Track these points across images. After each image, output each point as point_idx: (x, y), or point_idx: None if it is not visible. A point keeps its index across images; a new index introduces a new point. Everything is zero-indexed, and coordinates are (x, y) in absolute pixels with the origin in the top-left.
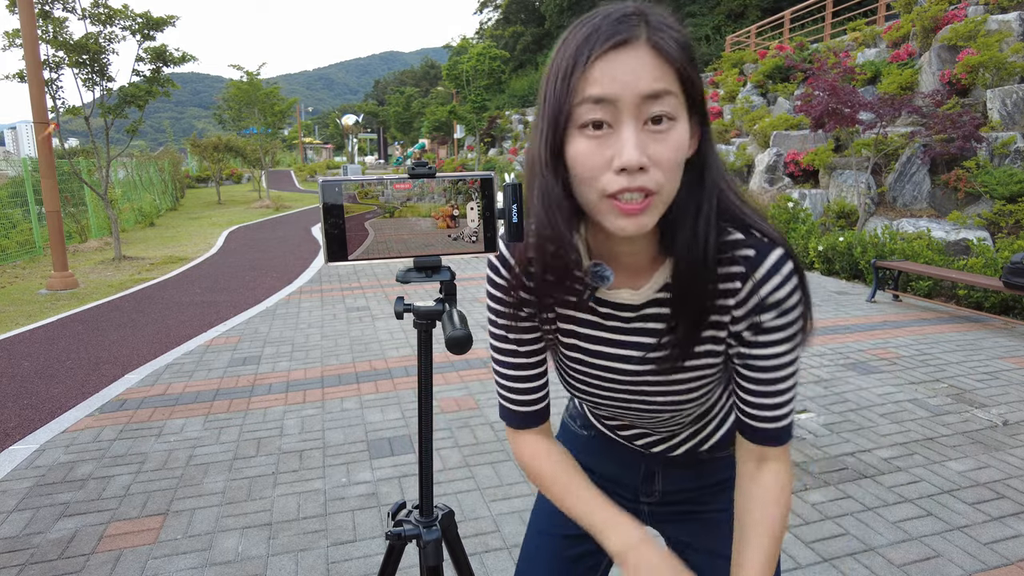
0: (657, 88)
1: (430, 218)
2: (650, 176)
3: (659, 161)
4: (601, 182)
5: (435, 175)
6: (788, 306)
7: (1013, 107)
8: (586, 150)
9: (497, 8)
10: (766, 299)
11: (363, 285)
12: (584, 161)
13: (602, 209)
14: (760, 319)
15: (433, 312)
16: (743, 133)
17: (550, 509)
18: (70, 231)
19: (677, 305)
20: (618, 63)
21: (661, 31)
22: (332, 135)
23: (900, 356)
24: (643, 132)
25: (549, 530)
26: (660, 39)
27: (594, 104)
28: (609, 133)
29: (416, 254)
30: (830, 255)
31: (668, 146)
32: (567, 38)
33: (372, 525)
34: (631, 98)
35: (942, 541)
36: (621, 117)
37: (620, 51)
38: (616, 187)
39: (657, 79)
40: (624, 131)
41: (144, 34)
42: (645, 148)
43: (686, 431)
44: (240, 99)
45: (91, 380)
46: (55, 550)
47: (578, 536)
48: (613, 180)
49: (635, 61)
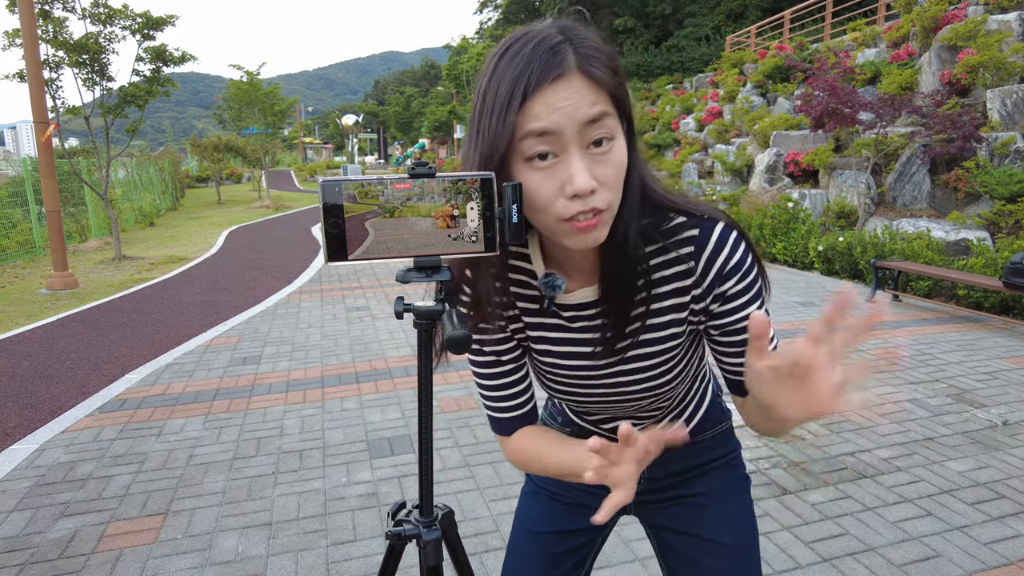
0: (595, 113)
1: (430, 218)
2: (599, 196)
3: (605, 181)
4: (556, 208)
5: (435, 175)
6: (744, 269)
7: (1013, 107)
8: (537, 182)
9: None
10: (722, 269)
11: (363, 285)
12: (537, 193)
13: (560, 231)
14: (722, 288)
15: (433, 312)
16: (743, 133)
17: (536, 507)
18: (70, 231)
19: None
20: (556, 95)
21: (589, 56)
22: (332, 135)
23: (900, 356)
24: (587, 156)
25: (535, 527)
26: (590, 67)
27: (538, 137)
28: (556, 162)
29: (416, 254)
30: (830, 255)
31: (611, 166)
32: (497, 70)
33: (372, 525)
34: (573, 127)
35: (942, 541)
36: (566, 146)
37: (556, 83)
38: (570, 212)
39: (593, 104)
40: (571, 160)
41: (144, 34)
42: (592, 172)
43: (667, 416)
44: (240, 99)
45: (91, 380)
46: (55, 550)
47: (564, 532)
48: (567, 206)
49: (571, 90)
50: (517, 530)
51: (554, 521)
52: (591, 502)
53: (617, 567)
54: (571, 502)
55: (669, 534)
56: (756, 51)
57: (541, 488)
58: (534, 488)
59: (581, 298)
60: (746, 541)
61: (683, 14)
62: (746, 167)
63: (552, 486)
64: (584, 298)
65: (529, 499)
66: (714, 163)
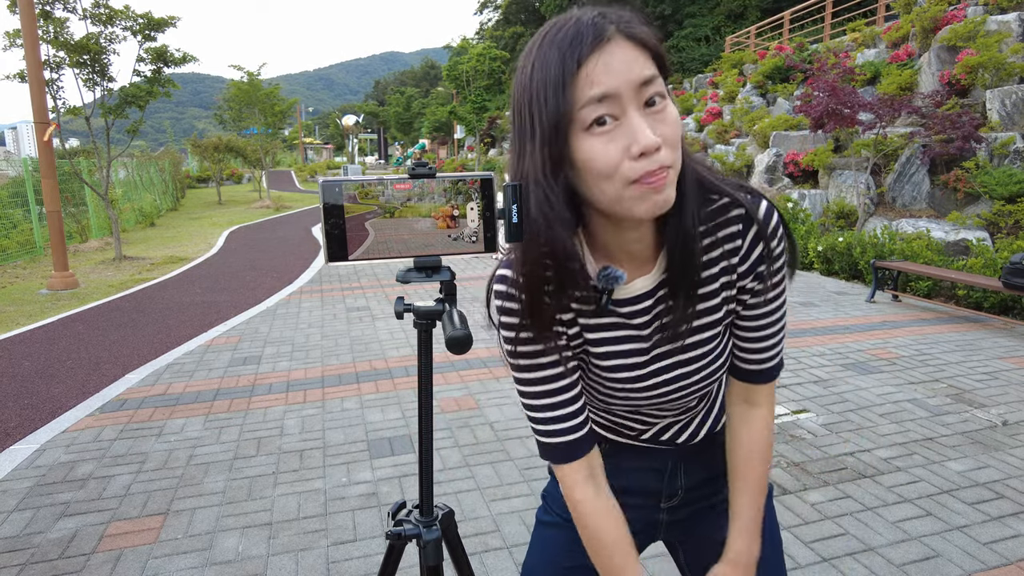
0: (647, 74)
1: (430, 218)
2: (664, 154)
3: (666, 138)
4: (623, 171)
5: (435, 175)
6: (781, 250)
7: (1012, 107)
8: (599, 147)
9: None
10: (765, 248)
11: (363, 285)
12: (600, 157)
13: (628, 196)
14: (761, 269)
15: (433, 312)
16: (743, 133)
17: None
18: (71, 231)
19: (672, 276)
20: (609, 59)
21: (629, 23)
22: (332, 135)
23: (899, 356)
24: (646, 116)
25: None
26: (632, 30)
27: (598, 103)
28: (616, 126)
29: (416, 254)
30: (829, 255)
31: (669, 124)
32: (539, 54)
33: (372, 525)
34: (629, 88)
35: (941, 541)
36: (625, 107)
37: (605, 47)
38: (638, 172)
39: (644, 65)
40: (632, 119)
41: (145, 35)
42: (654, 129)
43: (704, 408)
44: (240, 99)
45: (91, 380)
46: (55, 550)
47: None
48: (634, 167)
49: (622, 53)
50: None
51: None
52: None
53: None
54: None
55: (694, 541)
56: (756, 51)
57: (564, 519)
58: (556, 518)
59: (638, 289)
60: (773, 547)
61: (683, 15)
62: (746, 167)
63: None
64: (642, 288)
65: (550, 530)
66: (714, 163)
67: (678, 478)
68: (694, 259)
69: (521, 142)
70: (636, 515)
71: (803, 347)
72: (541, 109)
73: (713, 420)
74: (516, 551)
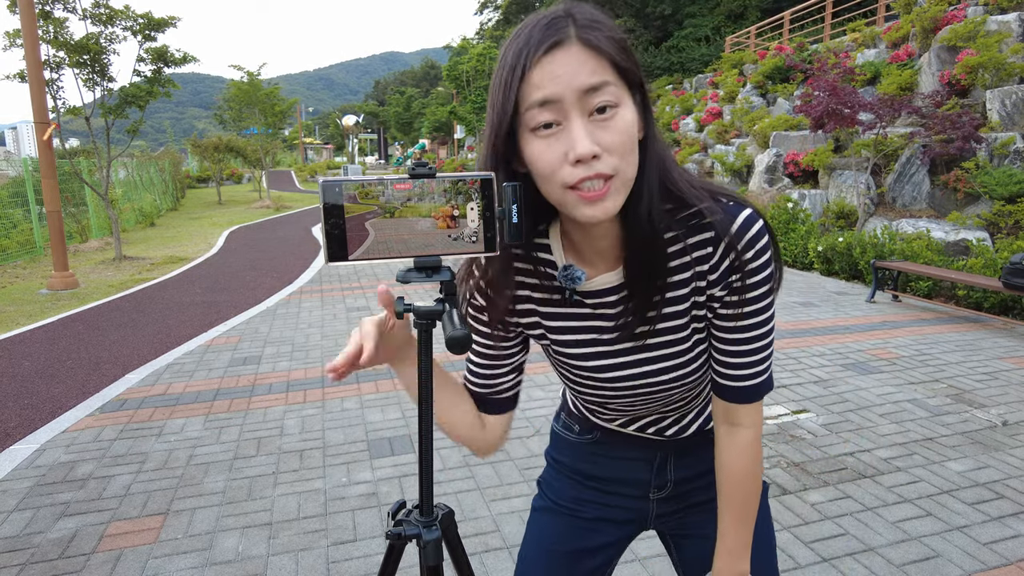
0: (595, 81)
1: (430, 218)
2: (604, 162)
3: (610, 147)
4: (560, 175)
5: (435, 175)
6: (760, 263)
7: (1012, 108)
8: (541, 149)
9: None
10: (738, 259)
11: (363, 285)
12: (541, 159)
13: (567, 201)
14: (733, 279)
15: (433, 312)
16: (743, 133)
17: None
18: (71, 231)
19: (629, 277)
20: (555, 64)
21: (589, 28)
22: (332, 135)
23: (899, 356)
24: (590, 123)
25: (553, 546)
26: (589, 36)
27: (540, 107)
28: (559, 130)
29: (416, 254)
30: (829, 255)
31: (615, 131)
32: (505, 51)
33: (372, 525)
34: (573, 94)
35: (941, 541)
36: (568, 113)
37: (554, 53)
38: (575, 178)
39: (593, 72)
40: (573, 126)
41: (145, 35)
42: (595, 137)
43: (694, 407)
44: (241, 99)
45: (92, 380)
46: (55, 550)
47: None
48: (571, 172)
49: (570, 59)
50: (531, 547)
51: (573, 540)
52: (612, 515)
53: (617, 567)
54: (591, 518)
55: (689, 540)
56: (756, 52)
57: (557, 504)
58: (549, 504)
59: (603, 283)
60: (767, 548)
61: (683, 15)
62: (746, 168)
63: (569, 502)
64: (606, 283)
65: (544, 515)
66: (714, 164)
67: (667, 470)
68: (653, 264)
69: (485, 133)
70: (627, 503)
71: (803, 347)
72: (495, 106)
73: (706, 418)
74: (516, 551)
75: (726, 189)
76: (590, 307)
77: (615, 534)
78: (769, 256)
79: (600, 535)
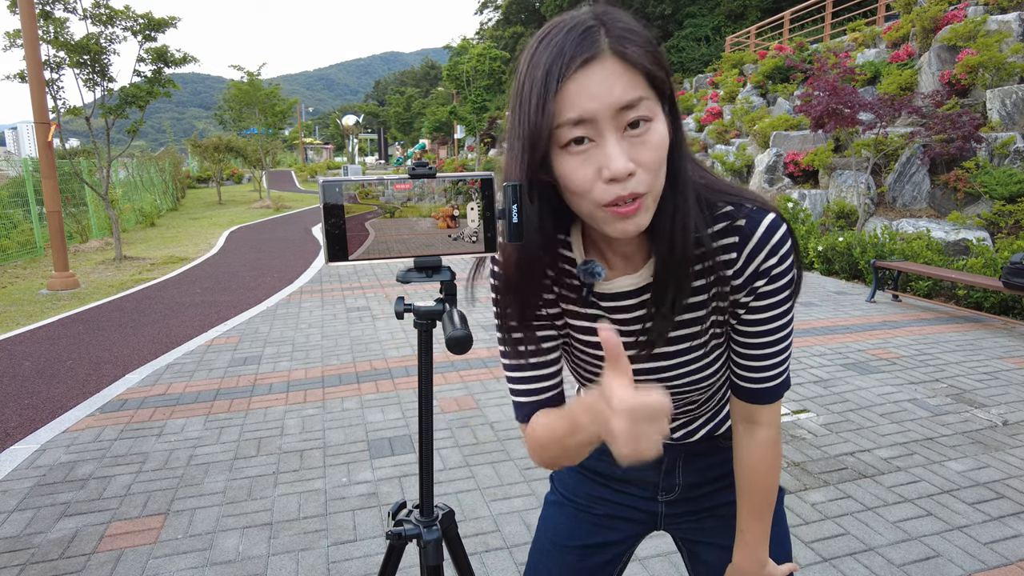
0: (630, 98)
1: (430, 218)
2: (638, 179)
3: (644, 163)
4: (594, 194)
5: (435, 175)
6: (783, 269)
7: (1013, 107)
8: (573, 167)
9: (497, 9)
10: (762, 265)
11: (363, 285)
12: (574, 177)
13: (599, 218)
14: (757, 284)
15: (433, 312)
16: (743, 133)
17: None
18: (71, 231)
19: (656, 288)
20: (589, 81)
21: (623, 39)
22: (333, 135)
23: (900, 356)
24: (624, 139)
25: (563, 541)
26: (624, 48)
27: (574, 125)
28: (592, 147)
29: (416, 254)
30: (830, 255)
31: (650, 148)
32: (533, 58)
33: (372, 525)
34: (608, 112)
35: (942, 541)
36: (602, 131)
37: (589, 68)
38: (610, 196)
39: (628, 88)
40: (608, 144)
41: (145, 35)
42: (629, 154)
43: (705, 412)
44: (241, 100)
45: (92, 380)
46: (56, 550)
47: (593, 546)
48: (605, 191)
49: (605, 74)
50: (543, 540)
51: (583, 535)
52: (622, 513)
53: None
54: (601, 514)
55: (703, 547)
56: (756, 52)
57: (568, 499)
58: (560, 498)
59: (622, 287)
60: (782, 555)
61: (683, 15)
62: (746, 167)
63: (580, 498)
64: (625, 286)
65: (555, 509)
66: (714, 163)
67: (675, 474)
68: (683, 279)
69: (511, 141)
70: (636, 503)
71: (803, 347)
72: (525, 119)
73: (715, 424)
74: (516, 551)
75: (747, 191)
76: (605, 311)
77: (625, 531)
78: (792, 261)
79: (610, 532)
